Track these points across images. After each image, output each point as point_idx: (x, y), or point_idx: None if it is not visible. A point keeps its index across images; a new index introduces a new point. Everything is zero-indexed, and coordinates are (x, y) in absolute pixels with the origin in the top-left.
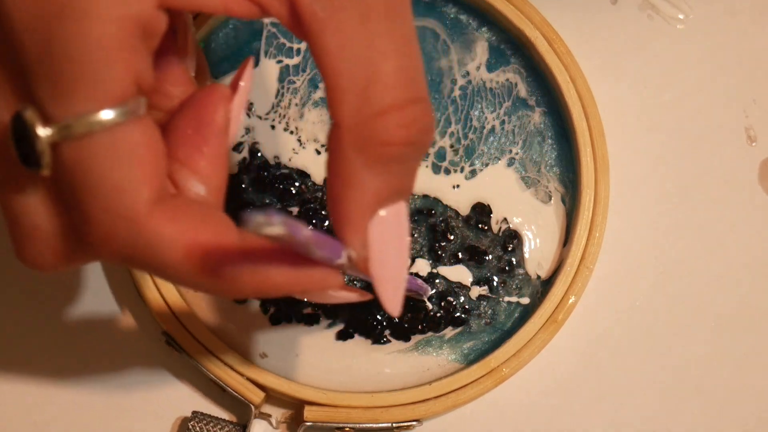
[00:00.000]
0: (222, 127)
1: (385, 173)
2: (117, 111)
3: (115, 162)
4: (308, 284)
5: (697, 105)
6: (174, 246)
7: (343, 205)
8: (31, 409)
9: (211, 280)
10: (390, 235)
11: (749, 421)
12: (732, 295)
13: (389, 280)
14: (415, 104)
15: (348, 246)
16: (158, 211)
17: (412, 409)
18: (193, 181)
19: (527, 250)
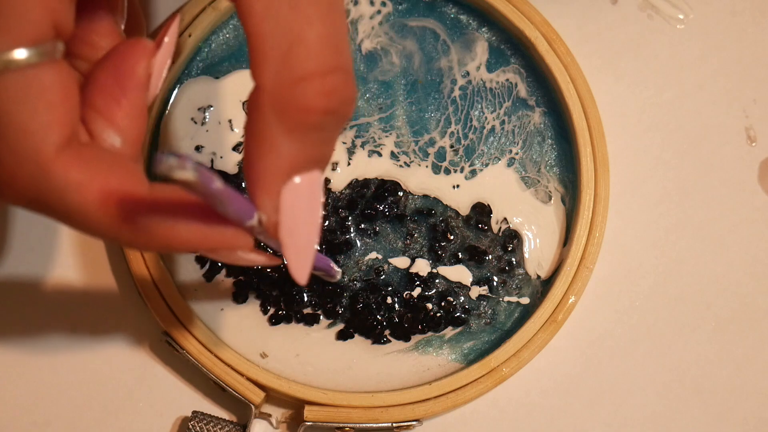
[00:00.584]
0: (142, 80)
1: (302, 140)
2: (31, 51)
3: (25, 102)
4: (217, 242)
5: (697, 105)
6: (80, 191)
7: (257, 168)
8: (31, 409)
9: (118, 228)
10: (303, 204)
11: (749, 421)
12: (732, 295)
13: (298, 247)
14: (337, 73)
15: (259, 208)
16: (66, 155)
17: (412, 409)
18: (108, 131)
19: (527, 250)
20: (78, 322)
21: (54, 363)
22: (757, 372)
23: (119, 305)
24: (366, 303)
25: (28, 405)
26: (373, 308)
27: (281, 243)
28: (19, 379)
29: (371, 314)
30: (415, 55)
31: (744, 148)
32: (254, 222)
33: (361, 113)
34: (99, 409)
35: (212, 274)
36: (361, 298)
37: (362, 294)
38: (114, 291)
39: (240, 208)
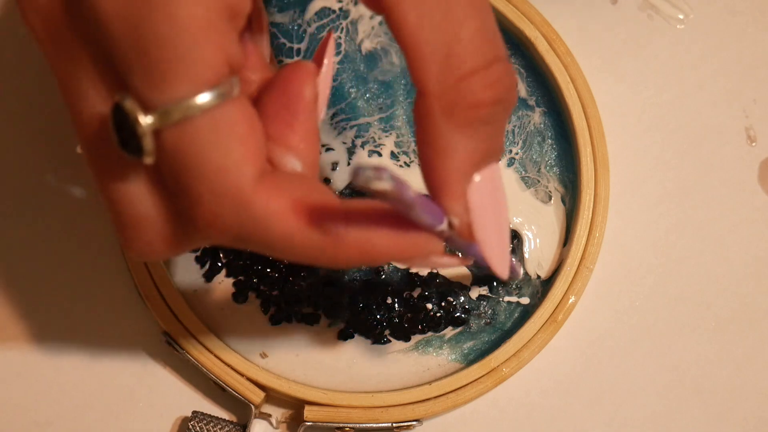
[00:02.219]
0: (311, 102)
1: (476, 136)
2: (213, 93)
3: (216, 143)
4: (412, 248)
5: (697, 105)
6: (283, 219)
7: (439, 173)
8: (32, 409)
9: (322, 247)
10: (488, 198)
11: (749, 421)
12: (732, 295)
13: (494, 242)
14: (498, 63)
15: (449, 213)
16: (263, 186)
17: (412, 409)
18: (288, 157)
19: (527, 250)
20: (78, 322)
21: (54, 363)
22: (757, 372)
23: (119, 305)
24: (366, 303)
25: (29, 405)
26: (373, 308)
27: (478, 241)
28: (19, 379)
29: (371, 314)
30: None
31: (744, 148)
32: (445, 226)
33: (361, 113)
34: (99, 409)
35: (212, 274)
36: (361, 298)
37: (362, 294)
38: (114, 291)
39: (432, 214)
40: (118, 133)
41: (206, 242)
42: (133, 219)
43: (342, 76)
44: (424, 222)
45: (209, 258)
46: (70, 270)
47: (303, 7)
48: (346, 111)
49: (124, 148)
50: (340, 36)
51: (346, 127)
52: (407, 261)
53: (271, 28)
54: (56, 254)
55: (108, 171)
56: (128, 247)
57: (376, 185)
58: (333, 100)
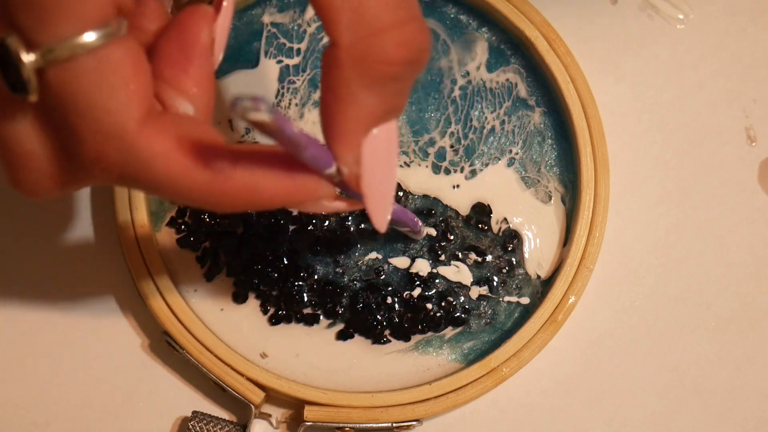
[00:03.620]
0: (206, 46)
1: (381, 92)
2: (99, 33)
3: (101, 83)
4: (301, 191)
5: (697, 105)
6: (167, 159)
7: (337, 122)
8: (31, 409)
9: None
10: (381, 154)
11: (749, 421)
12: (732, 295)
13: (379, 196)
14: (412, 23)
15: (341, 161)
16: (148, 127)
17: (412, 409)
18: (180, 100)
19: (527, 250)
20: (78, 322)
21: (54, 363)
22: (757, 372)
23: (119, 305)
24: (366, 303)
25: (28, 405)
26: (373, 308)
27: (363, 193)
28: (19, 379)
29: (371, 314)
30: None
31: (744, 148)
32: (333, 171)
33: None
34: (99, 409)
35: (212, 274)
36: (361, 298)
37: (362, 294)
38: (114, 291)
39: (318, 155)
40: (3, 71)
41: (93, 181)
42: (20, 156)
43: None
44: (310, 162)
45: (209, 258)
46: (70, 270)
47: (303, 7)
48: None
49: (10, 86)
50: None
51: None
52: (298, 205)
53: (271, 28)
54: (56, 254)
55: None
56: (16, 184)
57: (253, 116)
58: None
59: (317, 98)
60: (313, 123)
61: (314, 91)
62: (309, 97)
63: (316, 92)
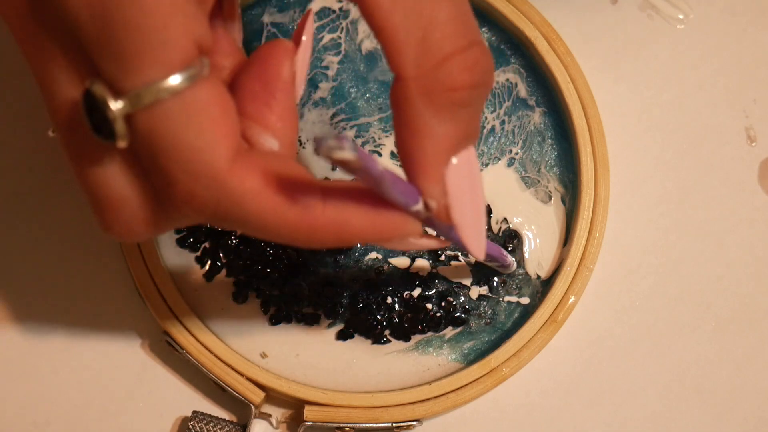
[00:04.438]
0: (288, 80)
1: (453, 119)
2: (183, 75)
3: (189, 124)
4: (389, 229)
5: (697, 105)
6: (258, 197)
7: (417, 156)
8: (31, 409)
9: (296, 226)
10: (464, 181)
11: (749, 421)
12: (732, 295)
13: (471, 225)
14: (474, 47)
15: (427, 195)
16: (238, 165)
17: (412, 409)
18: (265, 136)
19: (527, 250)
20: (78, 322)
21: (54, 363)
22: (757, 372)
23: (119, 305)
24: (366, 303)
25: (28, 405)
26: (373, 308)
27: (455, 224)
28: (19, 379)
29: (371, 314)
30: None
31: (744, 148)
32: (420, 207)
33: (361, 113)
34: (99, 409)
35: (212, 274)
36: (361, 298)
37: (362, 294)
38: (114, 291)
39: (404, 192)
40: (90, 118)
41: (185, 221)
42: (109, 201)
43: (342, 76)
44: (395, 199)
45: (209, 258)
46: (70, 270)
47: (303, 7)
48: (346, 111)
49: (97, 132)
50: (340, 36)
51: (346, 127)
52: (385, 242)
53: (270, 27)
54: (56, 254)
55: (83, 155)
56: (107, 229)
57: (338, 155)
58: (333, 100)
59: (317, 98)
60: (313, 123)
61: (314, 90)
62: (309, 97)
63: (316, 92)
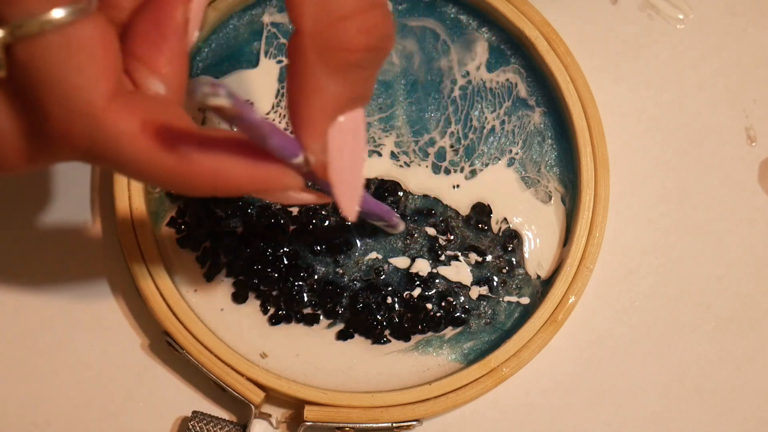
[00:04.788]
0: (181, 25)
1: (345, 79)
2: (67, 9)
3: (70, 59)
4: (267, 180)
5: (697, 105)
6: (133, 138)
7: (303, 110)
8: (31, 409)
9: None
10: (348, 142)
11: (749, 421)
12: (732, 295)
13: (347, 185)
14: (375, 9)
15: (308, 150)
16: (116, 105)
17: (412, 409)
18: (152, 79)
19: (527, 250)
20: (78, 322)
21: (54, 363)
22: (757, 372)
23: (119, 305)
24: (366, 303)
25: (28, 405)
26: (373, 308)
27: (331, 182)
28: (19, 379)
29: (371, 314)
30: (415, 55)
31: (744, 148)
32: (300, 160)
33: None
34: (99, 409)
35: (212, 274)
36: (361, 298)
37: (362, 294)
38: (114, 291)
39: (283, 144)
40: None
41: (61, 157)
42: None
43: None
44: (274, 150)
45: (209, 258)
46: (71, 270)
47: None
48: None
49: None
50: None
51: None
52: (264, 194)
53: (271, 27)
54: (56, 254)
55: None
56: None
57: (213, 101)
58: None
59: None
60: None
61: None
62: None
63: None
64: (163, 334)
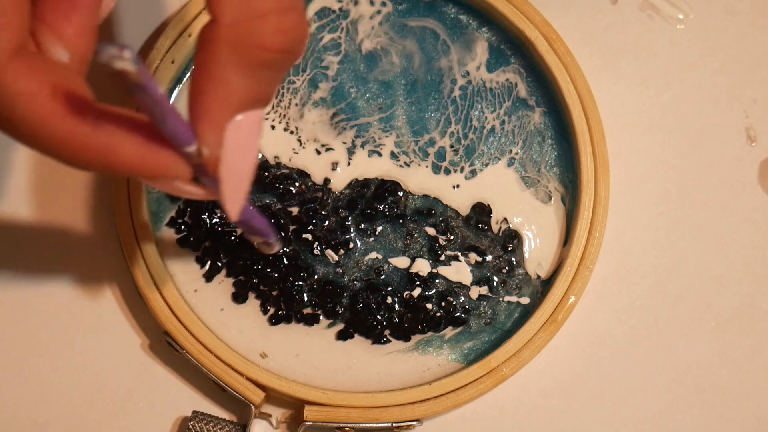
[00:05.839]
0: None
1: (253, 77)
2: None
3: None
4: (157, 166)
5: (697, 105)
6: (29, 100)
7: (205, 101)
8: (31, 409)
9: (62, 140)
10: (243, 141)
11: (749, 421)
12: (732, 295)
13: (235, 184)
14: (292, 12)
15: (202, 141)
16: (16, 63)
17: (412, 409)
18: (57, 46)
19: (527, 250)
20: (78, 323)
21: (54, 363)
22: (757, 372)
23: (119, 305)
24: (366, 303)
25: (28, 405)
26: (373, 308)
27: (219, 178)
28: (19, 378)
29: (371, 314)
30: (415, 55)
31: (744, 148)
32: (193, 150)
33: (361, 113)
34: (99, 409)
35: (212, 274)
36: (361, 298)
37: (362, 294)
38: (114, 291)
39: (179, 128)
40: None
41: None
42: None
43: (342, 76)
44: (169, 132)
45: (209, 258)
46: (71, 271)
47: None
48: (346, 111)
49: None
50: (339, 36)
51: (346, 127)
52: (152, 180)
53: None
54: (56, 254)
55: None
56: None
57: (118, 64)
58: (333, 100)
59: (317, 98)
60: (313, 123)
61: (314, 90)
62: (309, 97)
63: (316, 92)
64: (163, 334)
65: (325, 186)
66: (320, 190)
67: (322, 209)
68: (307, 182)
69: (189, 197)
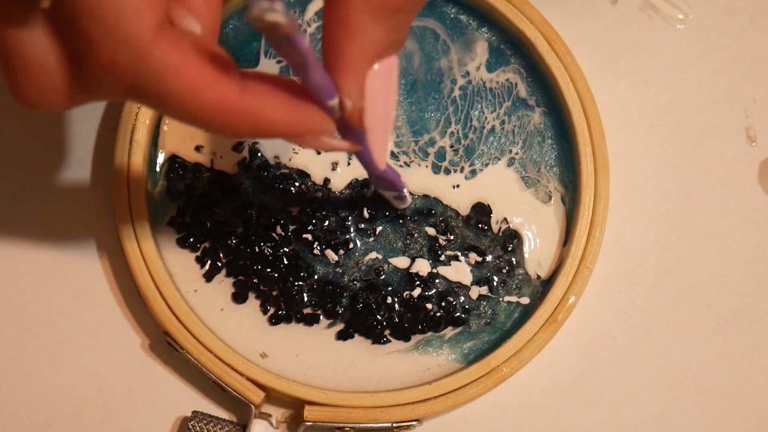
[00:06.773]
0: None
1: (387, 24)
2: None
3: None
4: (304, 124)
5: (697, 105)
6: (178, 73)
7: (343, 53)
8: (31, 409)
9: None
10: (382, 89)
11: (749, 421)
12: (732, 295)
13: (379, 133)
14: None
15: (345, 93)
16: (162, 39)
17: (412, 409)
18: (189, 18)
19: (527, 250)
20: (78, 322)
21: (54, 363)
22: (757, 372)
23: (119, 305)
24: (366, 303)
25: (28, 405)
26: (373, 308)
27: (366, 129)
28: (19, 379)
29: (371, 314)
30: (415, 55)
31: (744, 148)
32: (335, 103)
33: None
34: (99, 409)
35: (212, 274)
36: (361, 298)
37: (362, 294)
38: (114, 291)
39: (323, 81)
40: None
41: (101, 93)
42: (26, 65)
43: None
44: (313, 85)
45: (209, 258)
46: (71, 271)
47: (303, 7)
48: None
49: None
50: None
51: None
52: (298, 138)
53: None
54: (56, 254)
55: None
56: (19, 96)
57: (270, 17)
58: None
59: None
60: None
61: None
62: None
63: None
64: (163, 334)
65: (325, 186)
66: (320, 190)
67: (322, 209)
68: (307, 182)
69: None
